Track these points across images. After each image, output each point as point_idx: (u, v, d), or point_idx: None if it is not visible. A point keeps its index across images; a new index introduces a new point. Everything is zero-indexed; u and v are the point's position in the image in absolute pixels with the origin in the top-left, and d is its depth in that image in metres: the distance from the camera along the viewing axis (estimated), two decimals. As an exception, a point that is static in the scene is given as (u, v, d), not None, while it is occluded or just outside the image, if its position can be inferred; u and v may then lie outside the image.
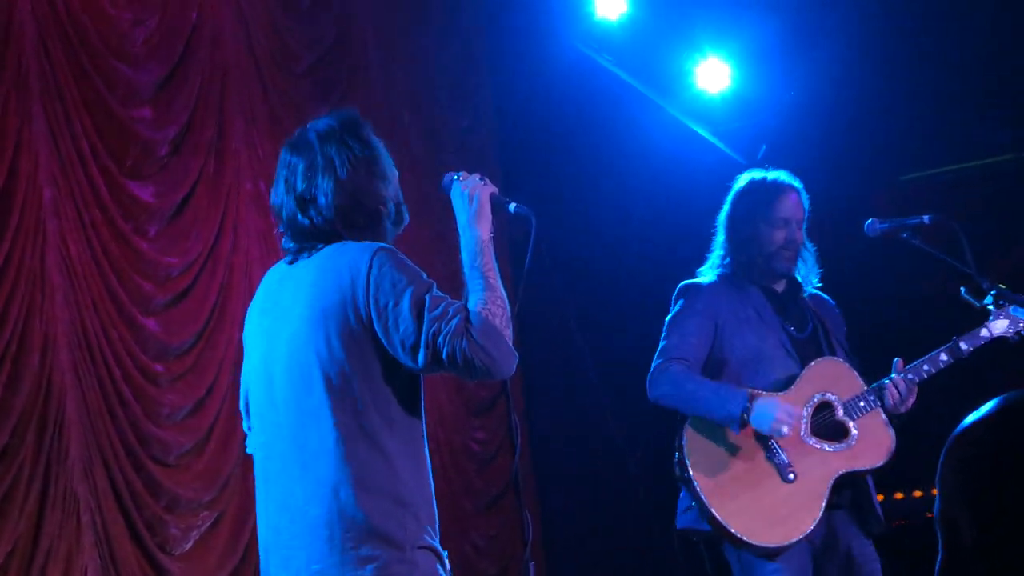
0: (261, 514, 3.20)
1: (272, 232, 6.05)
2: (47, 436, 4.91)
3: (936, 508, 1.60)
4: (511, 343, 3.05)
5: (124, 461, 5.17)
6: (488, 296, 3.07)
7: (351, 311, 3.05)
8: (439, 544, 3.11)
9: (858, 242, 4.60)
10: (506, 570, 6.97)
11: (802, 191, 4.49)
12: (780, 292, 4.50)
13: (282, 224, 3.30)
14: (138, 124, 5.53)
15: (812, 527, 4.16)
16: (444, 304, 3.00)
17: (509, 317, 3.08)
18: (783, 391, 4.30)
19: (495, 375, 3.03)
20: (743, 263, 4.46)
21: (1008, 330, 4.30)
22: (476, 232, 3.23)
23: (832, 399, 4.32)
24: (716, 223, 4.57)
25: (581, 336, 7.83)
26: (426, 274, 3.10)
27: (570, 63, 7.27)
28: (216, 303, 5.72)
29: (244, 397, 3.40)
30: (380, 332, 3.04)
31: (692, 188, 7.29)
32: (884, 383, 4.30)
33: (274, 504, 3.15)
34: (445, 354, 2.97)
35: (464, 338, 2.95)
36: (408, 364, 3.05)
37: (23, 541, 4.78)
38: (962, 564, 1.55)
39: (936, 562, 1.61)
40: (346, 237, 3.19)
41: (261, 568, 3.18)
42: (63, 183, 5.13)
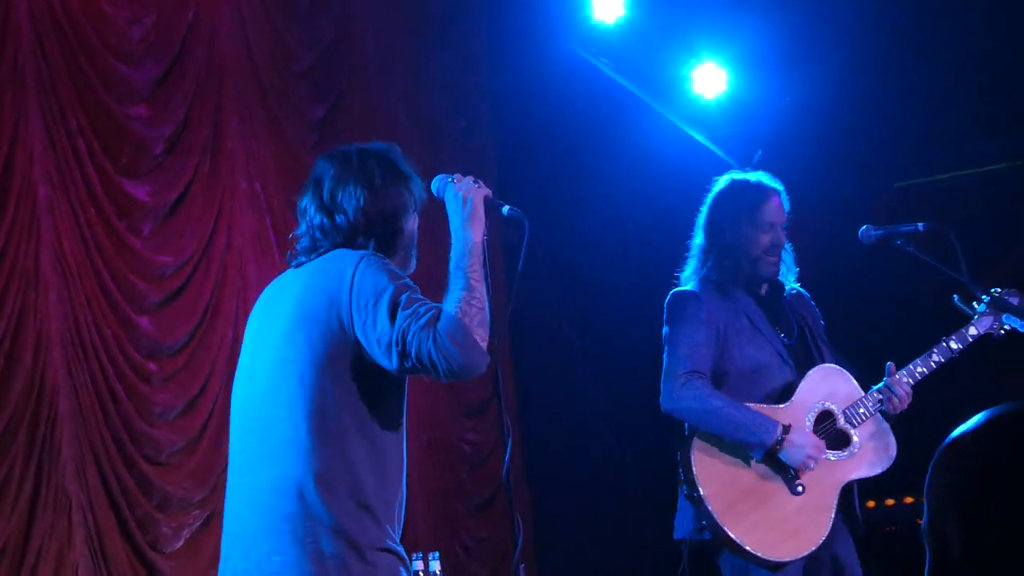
0: (228, 504, 3.24)
1: (267, 231, 6.10)
2: (39, 434, 4.90)
3: (924, 519, 1.60)
4: (485, 344, 3.06)
5: (116, 459, 5.17)
6: (464, 296, 3.09)
7: (335, 313, 3.10)
8: (401, 547, 3.15)
9: (853, 248, 4.59)
10: (497, 572, 6.97)
11: (783, 193, 4.44)
12: (765, 296, 4.45)
13: (302, 226, 3.35)
14: (134, 122, 5.53)
15: (824, 537, 4.14)
16: (417, 304, 3.04)
17: (486, 319, 3.09)
18: (784, 402, 4.27)
19: (461, 374, 3.03)
20: (728, 268, 4.39)
21: (993, 325, 4.33)
22: (468, 235, 3.25)
23: (832, 408, 4.29)
24: (695, 226, 4.51)
25: (575, 339, 7.83)
26: (414, 279, 3.13)
27: (568, 66, 7.28)
28: (209, 302, 5.71)
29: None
30: (360, 333, 3.09)
31: (687, 192, 7.27)
32: (888, 389, 4.29)
33: (242, 495, 3.20)
34: (414, 351, 2.99)
35: (432, 337, 2.98)
36: (385, 364, 3.08)
37: (14, 539, 4.77)
38: (951, 575, 1.55)
39: (924, 573, 1.61)
40: (358, 246, 3.24)
41: (222, 556, 3.20)
42: (58, 180, 5.12)
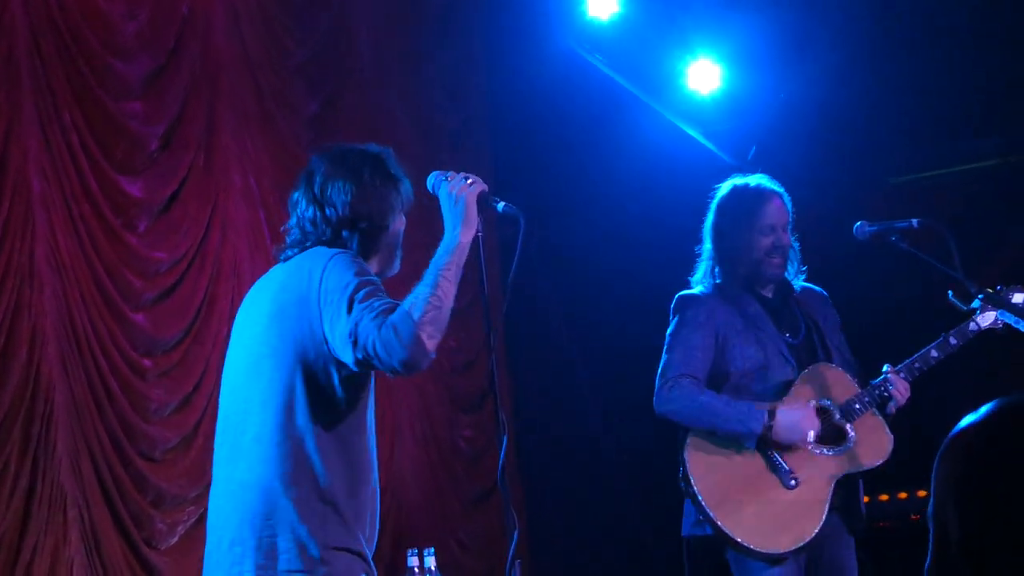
0: (210, 497, 3.33)
1: (261, 227, 6.10)
2: (34, 429, 4.90)
3: (929, 508, 1.62)
4: (432, 343, 3.08)
5: (111, 456, 5.17)
6: (426, 294, 3.12)
7: (304, 311, 3.17)
8: (368, 549, 3.22)
9: (847, 244, 4.61)
10: (492, 568, 6.97)
11: (785, 195, 4.51)
12: (771, 298, 4.52)
13: (292, 218, 3.40)
14: (128, 118, 5.52)
15: (817, 531, 4.20)
16: (374, 298, 3.08)
17: (440, 319, 3.11)
18: (782, 399, 4.33)
19: (400, 369, 3.08)
20: (733, 272, 4.47)
21: (996, 322, 4.35)
22: (456, 234, 3.28)
23: (828, 404, 4.35)
24: (702, 232, 4.58)
25: (569, 335, 7.84)
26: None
27: (564, 63, 7.27)
28: (204, 299, 5.71)
29: None
30: (327, 328, 3.14)
31: (682, 188, 7.29)
32: (885, 386, 4.33)
33: (220, 489, 3.29)
34: (362, 341, 3.05)
35: (378, 327, 3.02)
36: (345, 358, 3.12)
37: (9, 534, 4.78)
38: (950, 563, 1.57)
39: (925, 562, 1.62)
40: (341, 241, 3.30)
41: (207, 547, 3.30)
42: (52, 176, 5.12)
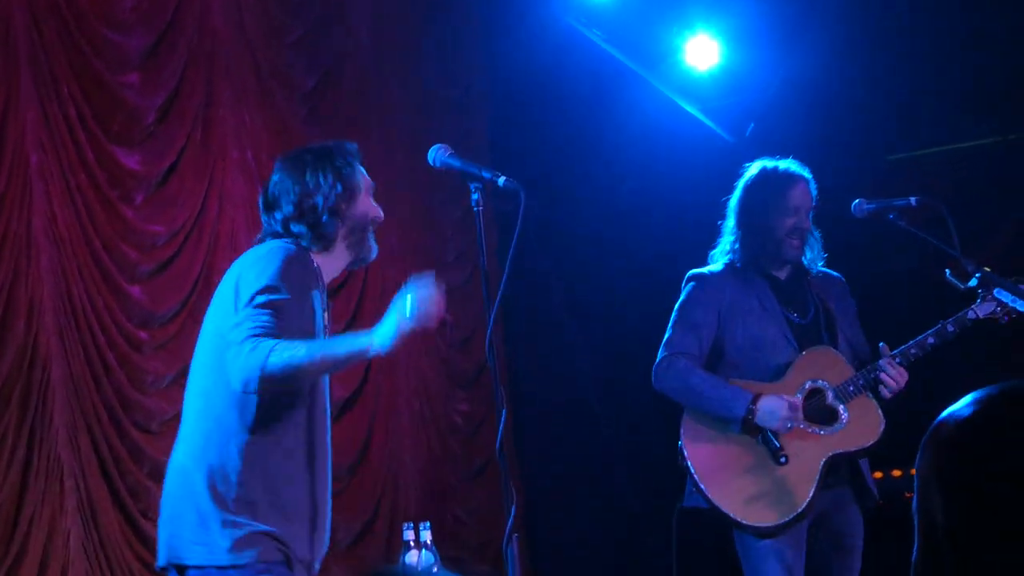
0: None
1: (258, 202, 6.09)
2: (32, 401, 4.92)
3: (914, 498, 1.62)
4: (262, 386, 3.15)
5: (108, 427, 5.18)
6: (301, 354, 3.14)
7: (232, 304, 3.30)
8: (292, 543, 3.31)
9: (844, 222, 4.62)
10: (488, 542, 7.00)
11: (811, 180, 4.60)
12: (784, 280, 4.61)
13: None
14: (125, 90, 5.51)
15: (804, 507, 4.30)
16: (269, 312, 3.20)
17: (289, 378, 3.18)
18: (778, 379, 4.44)
19: (233, 381, 3.20)
20: (753, 249, 4.55)
21: (996, 311, 4.36)
22: (372, 345, 3.19)
23: (823, 385, 4.43)
24: (726, 209, 4.66)
25: (566, 309, 7.84)
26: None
27: (562, 37, 7.25)
28: (201, 272, 5.71)
29: None
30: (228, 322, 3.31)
31: (678, 164, 7.30)
32: (877, 368, 4.38)
33: (168, 467, 3.47)
34: (231, 340, 3.20)
35: (240, 342, 3.15)
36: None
37: (7, 505, 4.80)
38: (936, 554, 1.57)
39: (912, 551, 1.63)
40: (293, 235, 3.45)
41: None
42: (50, 148, 5.12)
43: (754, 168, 4.66)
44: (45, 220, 5.06)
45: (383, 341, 3.16)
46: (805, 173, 4.59)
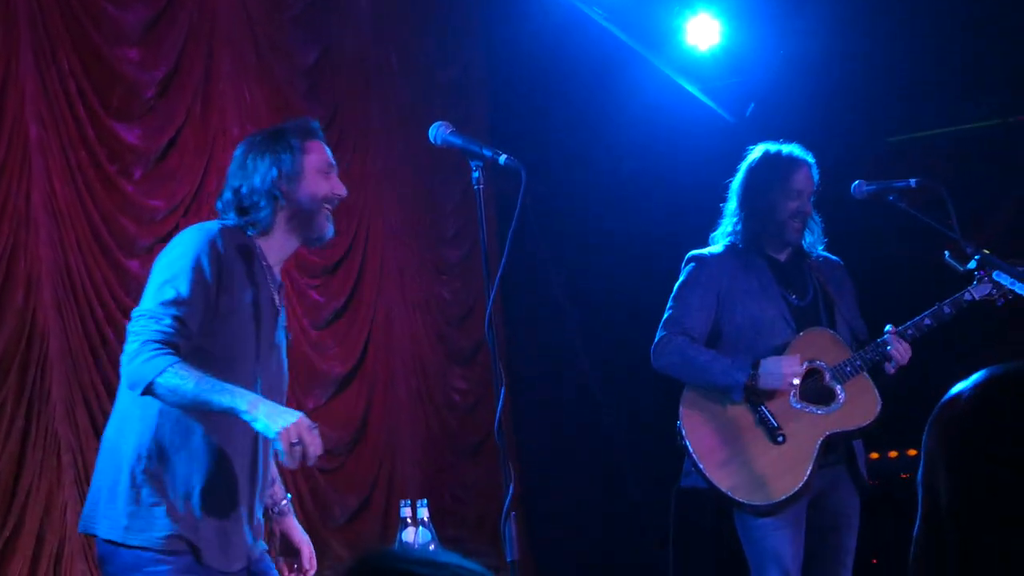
0: None
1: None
2: (29, 374, 4.92)
3: (919, 475, 1.63)
4: (135, 390, 3.19)
5: (106, 401, 5.17)
6: (190, 384, 3.13)
7: (148, 283, 3.37)
8: (209, 540, 3.30)
9: (844, 203, 4.63)
10: (484, 518, 7.02)
11: (814, 165, 4.62)
12: (783, 262, 4.64)
13: None
14: (125, 65, 5.50)
15: (800, 486, 4.33)
16: (169, 313, 3.22)
17: (164, 397, 3.17)
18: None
19: (121, 373, 3.26)
20: (754, 231, 4.59)
21: (993, 293, 4.38)
22: (258, 415, 3.14)
23: (820, 366, 4.46)
24: (728, 191, 4.68)
25: (563, 287, 7.84)
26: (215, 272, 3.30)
27: (562, 15, 7.22)
28: (201, 246, 5.70)
29: None
30: None
31: (678, 144, 7.29)
32: (883, 346, 4.41)
33: None
34: (128, 332, 3.24)
35: (136, 341, 3.19)
36: None
37: (4, 478, 4.80)
38: (938, 531, 1.57)
39: (914, 527, 1.63)
40: (241, 218, 3.50)
41: None
42: (49, 122, 5.10)
43: (757, 151, 4.69)
44: (44, 195, 5.06)
45: (265, 427, 3.13)
46: (808, 157, 4.62)
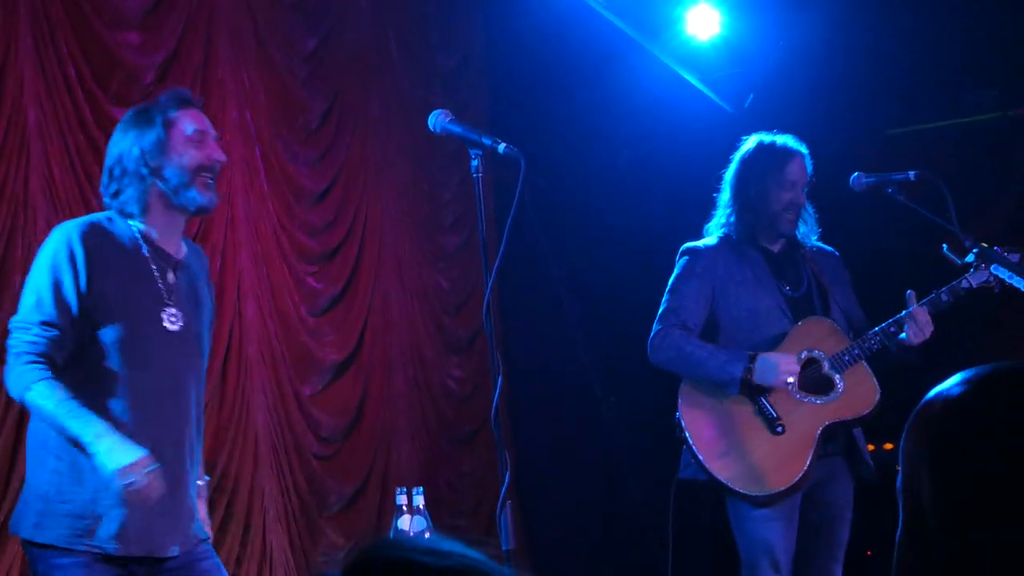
0: None
1: (257, 162, 6.09)
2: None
3: (899, 479, 1.62)
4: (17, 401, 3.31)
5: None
6: (52, 404, 3.20)
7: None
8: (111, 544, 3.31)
9: (842, 195, 4.64)
10: (479, 506, 7.02)
11: (808, 156, 4.62)
12: (777, 253, 4.64)
13: None
14: (124, 49, 5.48)
15: (801, 475, 4.35)
16: (41, 327, 3.27)
17: (32, 411, 3.29)
18: (774, 350, 4.47)
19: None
20: (748, 223, 4.59)
21: (990, 280, 4.38)
22: (100, 450, 3.19)
23: (818, 355, 4.47)
24: (721, 182, 4.69)
25: (561, 277, 7.83)
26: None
27: (562, 5, 7.20)
28: (198, 232, 5.70)
29: None
30: None
31: (678, 134, 7.28)
32: (909, 317, 4.40)
33: None
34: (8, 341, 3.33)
35: (17, 357, 3.27)
36: None
37: (1, 461, 4.80)
38: (922, 533, 1.57)
39: (896, 532, 1.63)
40: (110, 202, 3.48)
41: None
42: (48, 106, 5.09)
43: (751, 142, 4.69)
44: (42, 179, 5.04)
45: (103, 463, 3.17)
46: (802, 148, 4.61)
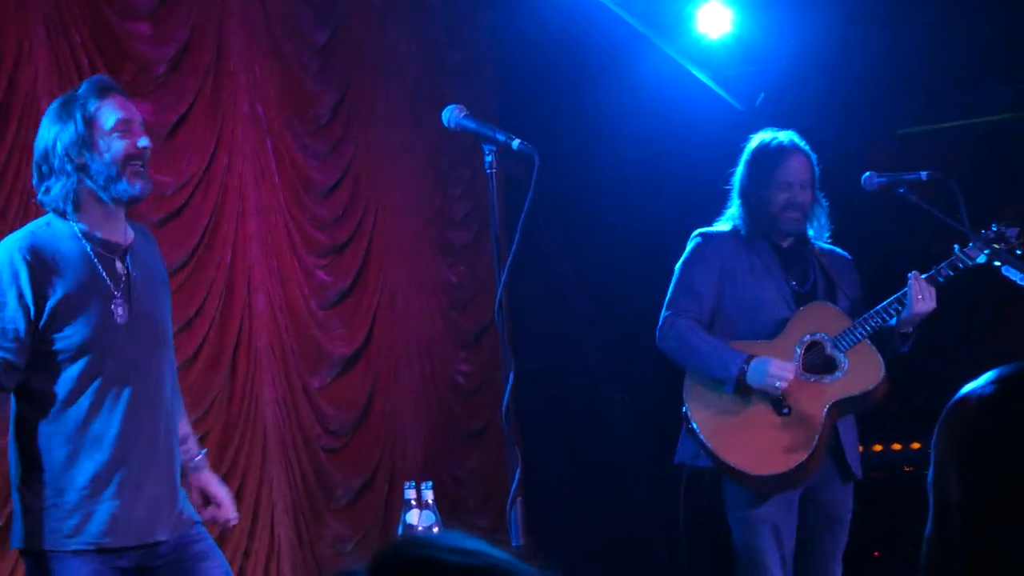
0: None
1: (268, 155, 6.09)
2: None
3: (929, 476, 1.63)
4: None
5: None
6: None
7: None
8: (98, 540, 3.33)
9: (854, 194, 4.63)
10: (487, 502, 7.02)
11: (808, 153, 4.61)
12: (786, 248, 4.67)
13: None
14: (136, 40, 5.49)
15: (808, 456, 4.38)
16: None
17: None
18: (777, 335, 4.52)
19: None
20: (752, 222, 4.62)
21: (990, 259, 4.36)
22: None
23: (821, 338, 4.51)
24: (731, 181, 4.72)
25: (569, 273, 7.84)
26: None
27: (572, 1, 7.19)
28: (208, 224, 5.71)
29: None
30: None
31: (689, 132, 7.27)
32: (903, 293, 4.41)
33: None
34: None
35: None
36: None
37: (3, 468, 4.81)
38: (949, 530, 1.57)
39: (925, 529, 1.63)
40: (38, 196, 3.51)
41: None
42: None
43: (754, 141, 4.71)
44: (55, 168, 5.04)
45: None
46: (800, 146, 4.61)
